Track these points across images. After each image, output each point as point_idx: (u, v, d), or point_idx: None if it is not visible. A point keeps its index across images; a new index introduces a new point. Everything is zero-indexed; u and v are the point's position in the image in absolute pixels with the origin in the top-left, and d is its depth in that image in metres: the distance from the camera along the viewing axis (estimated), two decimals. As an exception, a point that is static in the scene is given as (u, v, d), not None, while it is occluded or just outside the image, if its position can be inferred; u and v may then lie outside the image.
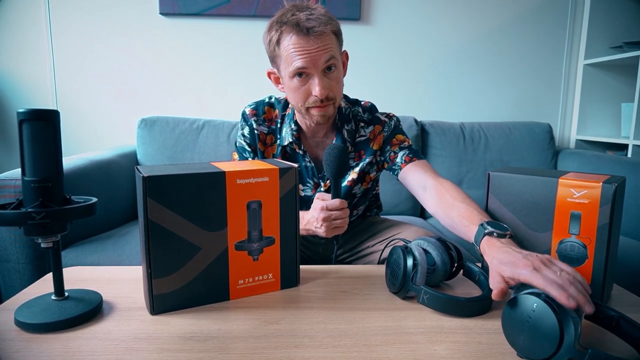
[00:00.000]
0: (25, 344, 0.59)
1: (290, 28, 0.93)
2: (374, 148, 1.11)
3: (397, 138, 1.11)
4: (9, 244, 1.27)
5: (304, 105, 0.99)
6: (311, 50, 0.92)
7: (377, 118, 1.12)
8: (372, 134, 1.11)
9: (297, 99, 0.99)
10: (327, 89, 0.96)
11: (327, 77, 0.96)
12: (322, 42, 0.93)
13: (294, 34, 0.92)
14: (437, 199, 0.94)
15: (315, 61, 0.93)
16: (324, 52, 0.93)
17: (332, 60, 0.95)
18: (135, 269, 0.86)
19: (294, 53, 0.93)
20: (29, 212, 0.59)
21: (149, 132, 1.87)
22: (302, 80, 0.96)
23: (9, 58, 2.05)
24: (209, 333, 0.62)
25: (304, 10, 0.94)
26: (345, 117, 1.10)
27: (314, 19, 0.92)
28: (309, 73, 0.95)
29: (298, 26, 0.91)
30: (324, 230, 0.91)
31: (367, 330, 0.64)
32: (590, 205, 0.69)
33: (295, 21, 0.92)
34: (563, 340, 0.51)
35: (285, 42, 0.94)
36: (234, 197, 0.71)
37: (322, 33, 0.92)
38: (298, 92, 0.97)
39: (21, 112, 0.59)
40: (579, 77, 2.21)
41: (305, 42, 0.92)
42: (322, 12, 0.95)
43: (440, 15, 2.14)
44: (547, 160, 2.01)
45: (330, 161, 0.88)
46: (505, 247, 0.68)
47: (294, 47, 0.93)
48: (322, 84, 0.95)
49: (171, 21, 2.07)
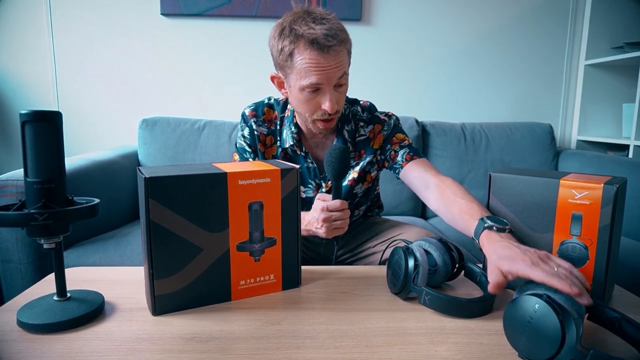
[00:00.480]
0: (27, 344, 0.59)
1: (307, 43, 0.91)
2: (374, 147, 1.12)
3: (397, 137, 1.11)
4: (10, 244, 1.28)
5: (311, 116, 0.99)
6: (327, 67, 0.92)
7: (376, 117, 1.13)
8: (372, 133, 1.12)
9: (304, 110, 0.99)
10: (336, 105, 0.96)
11: (337, 91, 0.97)
12: (338, 59, 0.93)
13: (311, 50, 0.91)
14: (439, 196, 0.95)
15: (329, 78, 0.93)
16: (339, 69, 0.94)
17: (344, 77, 0.96)
18: (137, 270, 0.87)
19: (309, 69, 0.92)
20: (31, 213, 0.59)
21: (150, 133, 1.88)
22: (313, 93, 0.96)
23: (11, 58, 2.06)
24: (210, 334, 0.62)
25: (318, 22, 0.91)
26: (345, 118, 1.10)
27: (332, 36, 0.90)
28: (321, 88, 0.95)
29: (317, 43, 0.90)
30: (324, 231, 0.91)
31: (369, 331, 0.64)
32: (591, 207, 0.69)
33: (312, 37, 0.90)
34: (565, 341, 0.51)
35: (301, 56, 0.92)
36: (236, 198, 0.71)
37: (339, 52, 0.93)
38: (308, 104, 0.97)
39: (24, 113, 0.59)
40: (580, 77, 2.20)
41: (323, 58, 0.91)
42: (337, 25, 0.93)
43: (441, 16, 2.14)
44: (548, 161, 2.01)
45: (331, 162, 0.88)
46: (504, 242, 0.68)
47: (309, 62, 0.92)
48: (333, 99, 0.95)
49: (172, 21, 2.07)
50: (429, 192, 0.99)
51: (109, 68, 2.09)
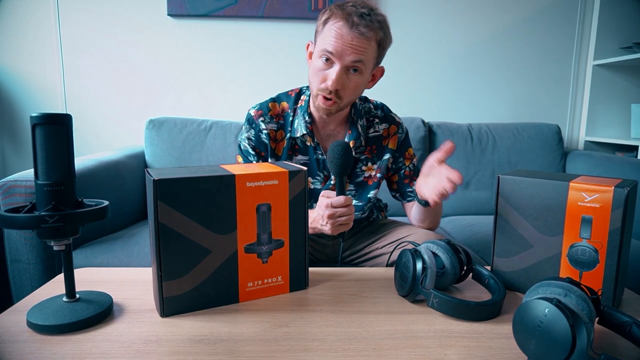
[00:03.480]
0: (37, 345, 0.59)
1: (341, 14, 0.95)
2: (390, 147, 1.14)
3: (409, 152, 1.17)
4: (19, 244, 1.29)
5: (317, 87, 1.01)
6: (345, 42, 0.94)
7: (391, 117, 1.16)
8: (387, 132, 1.14)
9: (313, 79, 1.01)
10: (339, 84, 0.97)
11: (347, 74, 0.98)
12: (360, 42, 0.95)
13: (341, 20, 0.95)
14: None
15: (342, 53, 0.95)
16: (356, 51, 0.95)
17: (358, 64, 0.97)
18: (144, 271, 0.87)
19: (330, 36, 0.95)
20: (42, 215, 0.59)
21: (157, 133, 1.88)
22: (325, 64, 0.98)
23: (19, 60, 2.07)
24: (219, 336, 0.63)
25: (365, 7, 0.96)
26: (359, 113, 1.12)
27: (366, 19, 0.94)
28: (333, 61, 0.97)
29: (349, 16, 0.94)
30: (329, 228, 0.92)
31: (377, 333, 0.64)
32: (601, 210, 0.69)
33: (349, 11, 0.95)
34: (575, 346, 0.50)
35: (331, 23, 0.96)
36: (244, 200, 0.71)
37: (364, 35, 0.94)
38: (317, 73, 1.00)
39: (34, 116, 0.59)
40: (588, 77, 2.19)
41: (346, 32, 0.94)
42: (379, 18, 0.97)
43: (447, 17, 2.13)
44: (555, 162, 2.00)
45: (334, 158, 0.88)
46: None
47: (334, 31, 0.95)
48: (338, 77, 0.96)
49: (179, 22, 2.08)
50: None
51: (116, 69, 2.10)
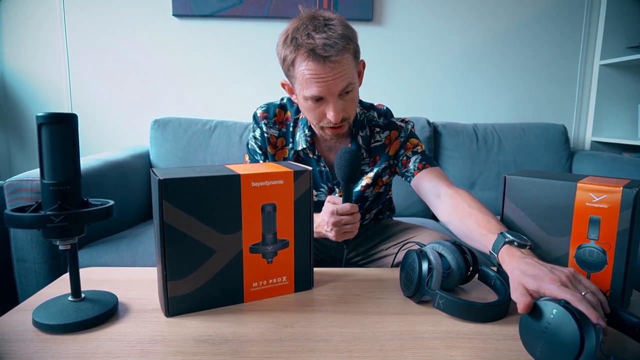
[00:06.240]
0: (43, 344, 0.59)
1: (306, 53, 0.88)
2: (390, 153, 1.10)
3: (411, 142, 1.10)
4: (25, 243, 1.29)
5: (318, 124, 0.98)
6: (327, 78, 0.89)
7: (393, 123, 1.11)
8: (388, 139, 1.10)
9: (311, 118, 0.98)
10: (341, 113, 0.94)
11: (342, 99, 0.94)
12: (339, 69, 0.89)
13: (309, 60, 0.88)
14: (452, 207, 0.92)
15: (331, 89, 0.90)
16: (341, 79, 0.90)
17: (348, 87, 0.92)
18: (149, 271, 0.87)
19: (310, 79, 0.90)
20: (48, 215, 0.59)
21: (162, 133, 1.89)
22: (317, 103, 0.94)
23: (25, 60, 2.08)
24: (223, 336, 0.62)
25: (320, 30, 0.88)
26: (360, 123, 1.08)
27: (330, 45, 0.87)
28: (324, 98, 0.93)
29: (314, 52, 0.87)
30: (334, 235, 0.90)
31: (382, 334, 0.63)
32: (610, 210, 0.68)
33: (310, 46, 0.87)
34: (584, 348, 0.50)
35: (301, 66, 0.90)
36: (249, 200, 0.71)
37: (339, 61, 0.88)
38: (313, 112, 0.96)
39: (40, 116, 0.60)
40: (595, 77, 2.17)
41: (321, 69, 0.88)
42: (339, 32, 0.89)
43: (453, 16, 2.13)
44: (561, 162, 1.98)
45: (342, 165, 0.86)
46: (527, 258, 0.66)
47: (309, 73, 0.89)
48: (337, 108, 0.93)
49: (184, 22, 2.08)
50: (440, 202, 0.97)
51: (121, 69, 2.10)
